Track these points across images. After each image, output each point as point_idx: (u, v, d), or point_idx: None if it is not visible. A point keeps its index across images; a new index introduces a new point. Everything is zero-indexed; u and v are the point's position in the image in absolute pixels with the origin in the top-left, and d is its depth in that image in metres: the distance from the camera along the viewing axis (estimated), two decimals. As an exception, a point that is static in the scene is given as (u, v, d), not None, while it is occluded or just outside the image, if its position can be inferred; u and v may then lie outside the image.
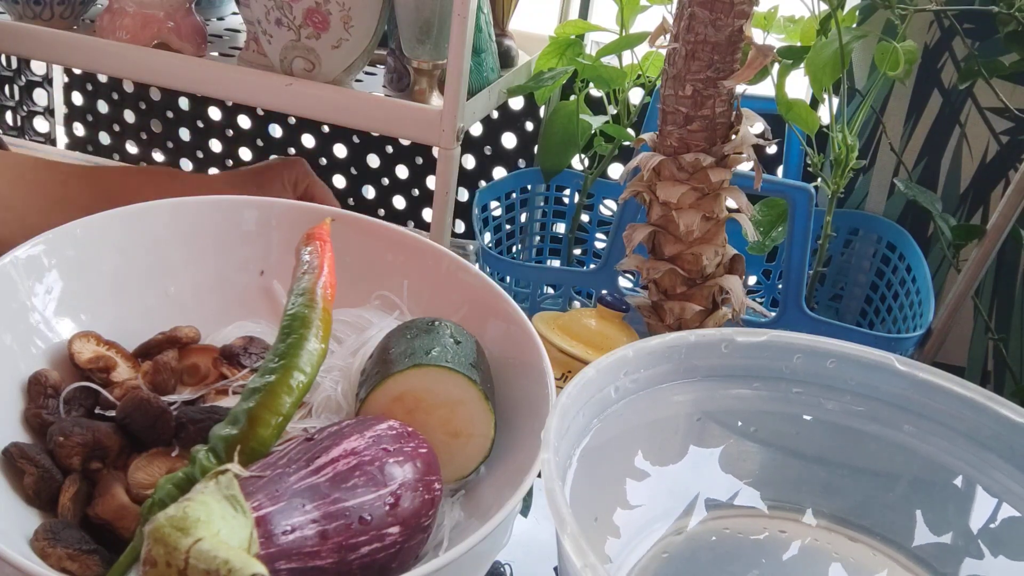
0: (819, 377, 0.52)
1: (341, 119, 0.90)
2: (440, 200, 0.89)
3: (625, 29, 0.95)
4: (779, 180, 0.86)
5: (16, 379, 0.51)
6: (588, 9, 1.16)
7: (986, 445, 0.48)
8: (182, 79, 0.93)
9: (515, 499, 0.44)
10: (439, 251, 0.62)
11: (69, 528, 0.44)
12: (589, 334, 0.74)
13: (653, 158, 0.71)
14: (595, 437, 0.47)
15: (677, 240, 0.72)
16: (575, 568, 0.35)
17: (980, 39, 0.90)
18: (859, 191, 1.02)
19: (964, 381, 0.49)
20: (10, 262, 0.52)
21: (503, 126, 1.22)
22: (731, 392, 0.52)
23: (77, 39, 0.95)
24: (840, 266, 1.05)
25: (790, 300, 0.82)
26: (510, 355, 0.56)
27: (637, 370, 0.49)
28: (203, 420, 0.49)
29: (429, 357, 0.50)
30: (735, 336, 0.51)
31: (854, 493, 0.52)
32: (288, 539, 0.38)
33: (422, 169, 1.30)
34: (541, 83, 0.96)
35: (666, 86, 0.70)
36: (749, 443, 0.53)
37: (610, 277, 0.88)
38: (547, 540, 0.57)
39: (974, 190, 0.97)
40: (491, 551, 0.50)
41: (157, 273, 0.60)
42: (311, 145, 1.35)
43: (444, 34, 0.86)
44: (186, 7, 0.96)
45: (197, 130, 1.42)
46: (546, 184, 1.11)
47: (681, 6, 0.67)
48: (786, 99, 0.84)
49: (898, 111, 0.97)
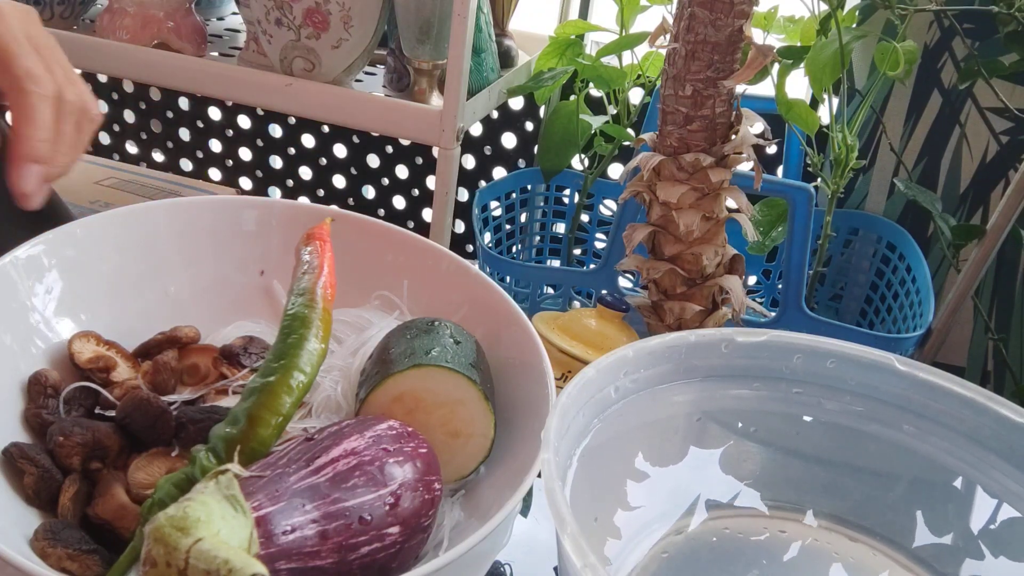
0: (819, 377, 0.52)
1: (341, 119, 0.90)
2: (440, 200, 0.89)
3: (625, 29, 0.95)
4: (779, 180, 0.86)
5: (16, 379, 0.51)
6: (588, 9, 1.16)
7: (986, 445, 0.48)
8: (182, 79, 0.93)
9: (515, 499, 0.44)
10: (439, 251, 0.62)
11: (69, 528, 0.44)
12: (589, 334, 0.74)
13: (653, 158, 0.71)
14: (595, 437, 0.47)
15: (677, 240, 0.72)
16: (575, 568, 0.35)
17: (980, 39, 0.90)
18: (859, 191, 1.02)
19: (964, 381, 0.49)
20: (10, 262, 0.52)
21: (503, 126, 1.22)
22: (731, 392, 0.52)
23: (77, 39, 0.95)
24: (840, 266, 1.05)
25: (790, 300, 0.82)
26: (510, 355, 0.56)
27: (637, 370, 0.49)
28: (203, 420, 0.49)
29: (429, 357, 0.50)
30: (735, 336, 0.51)
31: (854, 493, 0.52)
32: (288, 539, 0.38)
33: (422, 169, 1.30)
34: (541, 83, 0.96)
35: (666, 86, 0.70)
36: (749, 443, 0.53)
37: (610, 277, 0.88)
38: (547, 540, 0.57)
39: (974, 190, 0.97)
40: (491, 551, 0.50)
41: (157, 273, 0.60)
42: (311, 145, 1.35)
43: (444, 34, 0.86)
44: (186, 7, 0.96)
45: (197, 130, 1.42)
46: (546, 184, 1.11)
47: (681, 6, 0.67)
48: (786, 99, 0.84)
49: (898, 111, 0.97)
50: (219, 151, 1.42)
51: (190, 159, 1.45)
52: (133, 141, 1.47)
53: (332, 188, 1.37)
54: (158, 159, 1.46)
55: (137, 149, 1.47)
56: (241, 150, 1.40)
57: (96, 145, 1.48)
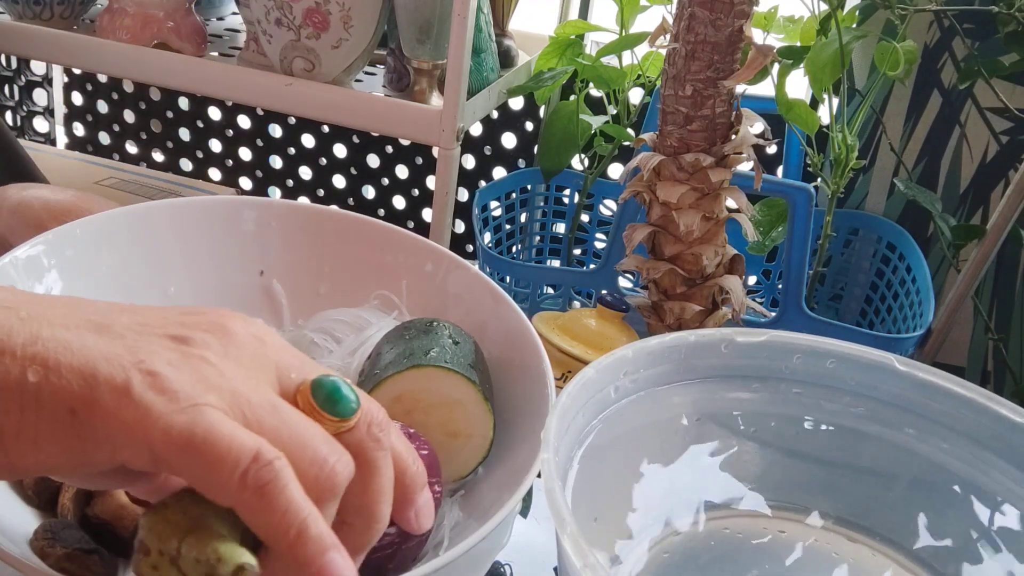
0: (819, 377, 0.52)
1: (341, 119, 0.90)
2: (440, 200, 0.89)
3: (625, 29, 0.95)
4: (779, 180, 0.86)
5: (16, 379, 0.50)
6: (588, 9, 1.16)
7: (986, 445, 0.48)
8: (182, 79, 0.93)
9: (515, 499, 0.44)
10: (439, 251, 0.62)
11: (69, 528, 0.44)
12: (589, 334, 0.74)
13: (653, 158, 0.71)
14: (595, 437, 0.47)
15: (677, 240, 0.72)
16: (575, 568, 0.35)
17: (980, 39, 0.90)
18: (859, 191, 1.02)
19: (964, 381, 0.49)
20: (10, 262, 0.52)
21: (503, 126, 1.22)
22: (731, 393, 0.52)
23: (77, 39, 0.95)
24: (840, 266, 1.05)
25: (790, 300, 0.82)
26: (510, 355, 0.56)
27: (637, 370, 0.49)
28: (203, 420, 0.49)
29: (428, 358, 0.50)
30: (735, 336, 0.51)
31: (854, 494, 0.52)
32: None
33: (422, 169, 1.30)
34: (541, 83, 0.96)
35: (666, 86, 0.70)
36: (749, 443, 0.53)
37: (610, 277, 0.88)
38: (547, 540, 0.57)
39: (974, 190, 0.97)
40: (491, 551, 0.50)
41: (157, 273, 0.60)
42: (311, 145, 1.35)
43: (444, 34, 0.86)
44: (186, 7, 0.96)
45: (197, 130, 1.42)
46: (546, 184, 1.11)
47: (681, 6, 0.67)
48: (786, 99, 0.84)
49: (898, 111, 0.97)
50: (219, 151, 1.42)
51: (190, 159, 1.45)
52: (133, 141, 1.47)
53: (332, 188, 1.37)
54: (158, 159, 1.46)
55: (137, 149, 1.47)
56: (241, 150, 1.40)
57: (96, 145, 1.48)
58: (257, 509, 0.30)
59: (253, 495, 0.30)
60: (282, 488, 0.30)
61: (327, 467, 0.32)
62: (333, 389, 0.34)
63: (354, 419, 0.34)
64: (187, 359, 0.32)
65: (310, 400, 0.34)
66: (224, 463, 0.30)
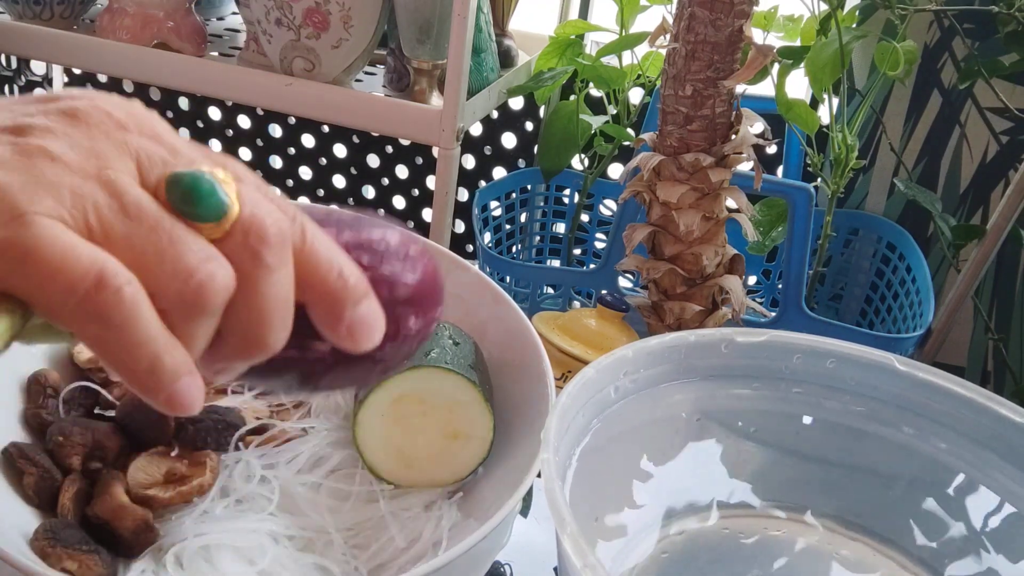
0: (819, 377, 0.52)
1: (341, 119, 0.90)
2: (440, 200, 0.89)
3: (625, 29, 0.95)
4: (779, 180, 0.86)
5: (16, 379, 0.51)
6: (588, 9, 1.16)
7: (986, 445, 0.48)
8: (182, 79, 0.93)
9: (514, 499, 0.44)
10: (439, 251, 0.62)
11: (69, 528, 0.44)
12: (589, 334, 0.74)
13: (653, 158, 0.71)
14: (595, 437, 0.47)
15: (677, 240, 0.72)
16: (575, 568, 0.35)
17: (980, 39, 0.90)
18: (859, 191, 1.02)
19: (964, 381, 0.49)
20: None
21: (503, 126, 1.22)
22: (731, 392, 0.52)
23: (77, 39, 0.95)
24: (840, 266, 1.05)
25: (790, 300, 0.82)
26: (510, 356, 0.56)
27: (637, 370, 0.49)
28: (202, 420, 0.49)
29: (428, 359, 0.50)
30: (735, 336, 0.51)
31: (854, 493, 0.52)
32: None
33: (422, 169, 1.30)
34: (541, 83, 0.96)
35: (666, 86, 0.70)
36: (749, 443, 0.53)
37: (610, 277, 0.88)
38: (547, 540, 0.57)
39: (974, 190, 0.97)
40: (490, 551, 0.50)
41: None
42: (311, 145, 1.35)
43: (444, 34, 0.86)
44: (186, 7, 0.96)
45: (197, 130, 1.42)
46: (546, 184, 1.11)
47: (681, 6, 0.67)
48: (786, 99, 0.84)
49: (898, 111, 0.97)
50: (219, 151, 1.42)
51: (190, 159, 1.45)
52: (133, 141, 1.46)
53: (332, 188, 1.37)
54: (158, 159, 1.46)
55: (137, 149, 1.47)
56: (241, 150, 1.40)
57: (96, 145, 1.48)
58: (102, 341, 0.25)
59: (96, 327, 0.25)
60: (127, 318, 0.25)
61: (192, 281, 0.26)
62: (192, 186, 0.27)
63: (223, 224, 0.27)
64: (22, 154, 0.26)
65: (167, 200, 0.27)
66: (56, 289, 0.24)
